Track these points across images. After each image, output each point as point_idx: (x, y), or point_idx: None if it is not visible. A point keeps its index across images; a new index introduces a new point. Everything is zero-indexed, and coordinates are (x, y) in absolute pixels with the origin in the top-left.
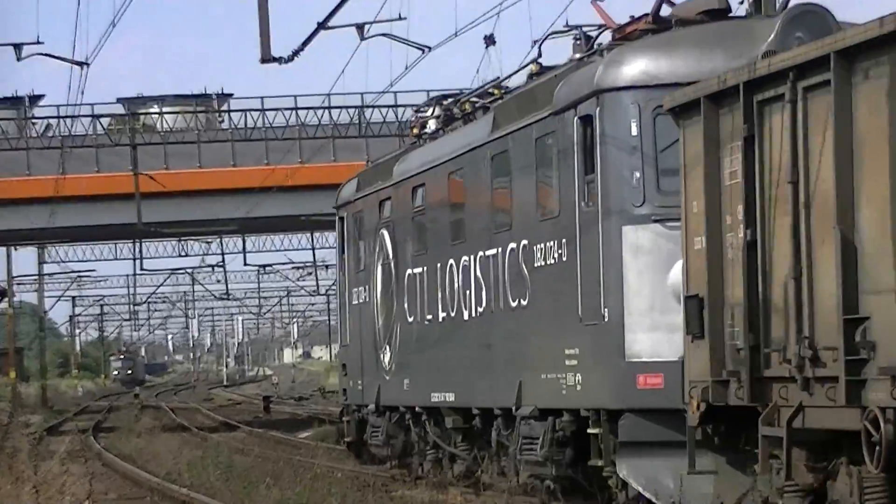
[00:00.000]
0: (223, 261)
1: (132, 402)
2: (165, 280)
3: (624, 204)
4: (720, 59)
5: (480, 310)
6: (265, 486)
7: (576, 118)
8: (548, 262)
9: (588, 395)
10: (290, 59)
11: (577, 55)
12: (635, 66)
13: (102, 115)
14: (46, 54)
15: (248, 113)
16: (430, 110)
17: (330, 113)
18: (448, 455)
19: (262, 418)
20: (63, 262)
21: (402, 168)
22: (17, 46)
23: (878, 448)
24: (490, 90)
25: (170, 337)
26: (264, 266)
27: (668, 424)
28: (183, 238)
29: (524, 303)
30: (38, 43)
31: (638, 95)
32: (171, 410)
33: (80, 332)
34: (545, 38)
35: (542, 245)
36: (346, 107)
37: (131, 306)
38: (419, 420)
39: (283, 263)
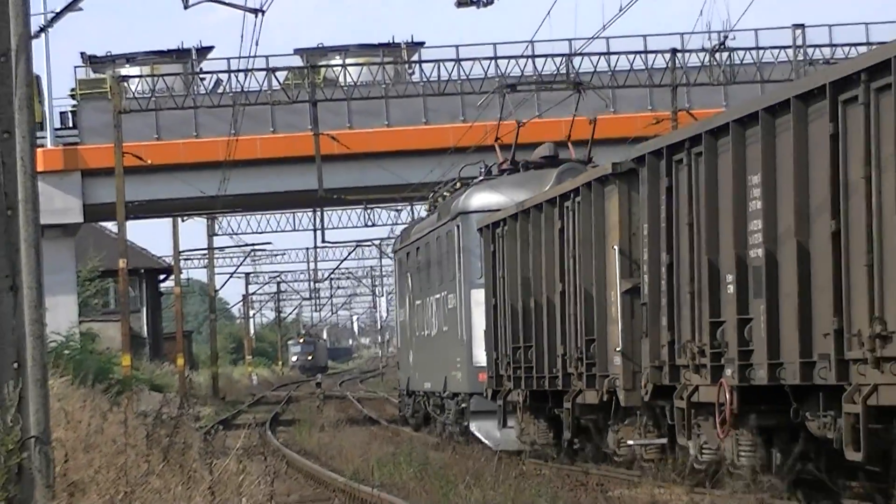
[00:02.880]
0: None
1: (313, 392)
2: (350, 253)
3: (472, 276)
4: (523, 194)
5: (436, 331)
6: (465, 486)
7: (455, 225)
8: (451, 306)
9: (462, 385)
10: (490, 1)
11: (479, 178)
12: (478, 199)
13: (279, 69)
14: (217, 1)
15: (441, 64)
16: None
17: (534, 62)
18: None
19: None
20: (235, 234)
21: (413, 233)
22: None
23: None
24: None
25: (355, 318)
26: None
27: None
28: (369, 206)
29: (447, 329)
30: None
31: (479, 216)
32: (357, 401)
33: (254, 313)
34: (463, 167)
35: (450, 295)
36: (553, 55)
37: (312, 283)
38: (424, 399)
39: None
